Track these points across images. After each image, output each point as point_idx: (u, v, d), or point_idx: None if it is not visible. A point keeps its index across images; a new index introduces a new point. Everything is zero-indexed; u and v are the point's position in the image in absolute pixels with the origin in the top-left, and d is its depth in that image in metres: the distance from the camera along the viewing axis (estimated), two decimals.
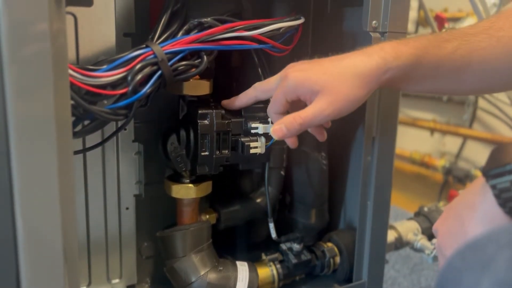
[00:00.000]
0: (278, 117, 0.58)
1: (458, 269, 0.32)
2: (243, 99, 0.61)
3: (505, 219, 0.38)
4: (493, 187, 0.38)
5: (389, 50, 0.54)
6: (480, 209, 0.40)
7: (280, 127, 0.55)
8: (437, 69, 0.55)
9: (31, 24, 0.34)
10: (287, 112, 0.57)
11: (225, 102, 0.62)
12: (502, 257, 0.29)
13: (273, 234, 0.70)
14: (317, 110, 0.53)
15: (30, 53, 0.35)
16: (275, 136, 0.55)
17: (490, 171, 0.39)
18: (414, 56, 0.54)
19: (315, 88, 0.53)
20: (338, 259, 0.72)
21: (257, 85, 0.61)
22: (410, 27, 1.86)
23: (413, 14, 1.84)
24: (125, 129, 0.59)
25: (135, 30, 0.58)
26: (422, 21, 1.85)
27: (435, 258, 0.88)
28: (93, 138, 0.56)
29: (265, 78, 0.65)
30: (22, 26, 0.34)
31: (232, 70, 0.71)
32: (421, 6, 1.48)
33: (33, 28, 0.34)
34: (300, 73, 0.54)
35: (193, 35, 0.54)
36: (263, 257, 0.70)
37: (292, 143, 0.61)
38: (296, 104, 0.57)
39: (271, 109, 0.58)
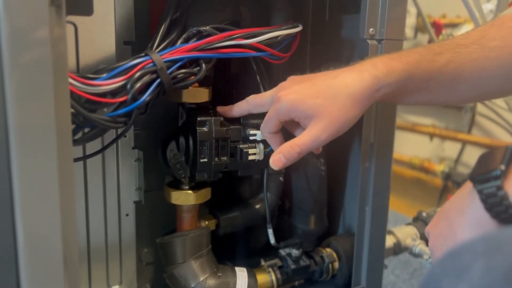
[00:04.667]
0: (271, 136, 0.58)
1: (438, 276, 0.33)
2: (236, 110, 0.62)
3: (492, 223, 0.39)
4: (480, 192, 0.39)
5: (381, 67, 0.53)
6: (468, 213, 0.41)
7: (279, 157, 0.55)
8: (429, 83, 0.55)
9: (32, 31, 0.35)
10: (280, 130, 0.58)
11: (220, 110, 0.63)
12: (477, 265, 0.30)
13: (272, 240, 0.71)
14: (313, 136, 0.53)
15: (31, 60, 0.35)
16: (275, 167, 0.55)
17: (477, 177, 0.39)
18: (406, 72, 0.54)
19: (308, 112, 0.53)
20: (337, 264, 0.72)
21: (250, 99, 0.61)
22: (409, 32, 1.87)
23: (412, 20, 1.85)
24: (125, 136, 0.60)
25: (135, 38, 0.58)
26: (421, 27, 1.86)
27: None
28: (93, 145, 0.56)
29: (263, 85, 0.66)
30: (23, 33, 0.34)
31: (231, 77, 0.71)
32: (419, 13, 1.49)
33: (33, 35, 0.35)
34: (292, 96, 0.54)
35: (192, 43, 0.55)
36: (262, 263, 0.70)
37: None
38: (290, 122, 0.57)
39: (264, 129, 0.59)
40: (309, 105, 0.53)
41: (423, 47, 0.57)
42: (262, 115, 0.61)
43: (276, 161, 0.55)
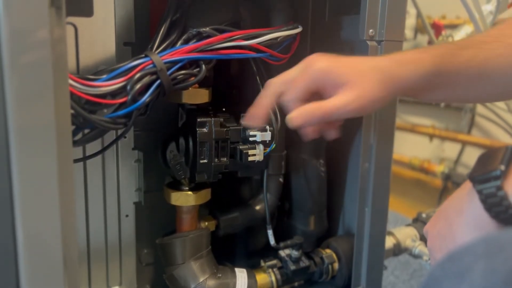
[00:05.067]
0: (294, 106, 0.54)
1: (438, 278, 0.33)
2: (264, 102, 0.56)
3: (491, 223, 0.39)
4: (480, 192, 0.39)
5: (410, 57, 0.54)
6: (468, 213, 0.41)
7: (299, 113, 0.52)
8: (455, 77, 0.55)
9: (32, 32, 0.35)
10: (303, 102, 0.54)
11: (245, 121, 0.59)
12: (478, 267, 0.30)
13: (272, 241, 0.71)
14: (342, 103, 0.51)
15: (31, 60, 0.35)
16: (291, 124, 0.52)
17: (477, 177, 0.39)
18: (433, 64, 0.53)
19: (340, 80, 0.51)
20: (336, 265, 0.72)
21: (273, 80, 0.57)
22: (409, 33, 1.87)
23: (411, 21, 1.85)
24: (125, 137, 0.60)
25: (135, 39, 0.58)
26: (421, 28, 1.86)
27: None
28: (93, 146, 0.56)
29: (263, 86, 0.66)
30: (23, 33, 0.34)
31: (231, 78, 0.71)
32: (419, 14, 1.49)
33: (33, 36, 0.35)
34: (326, 63, 0.53)
35: (192, 45, 0.55)
36: (262, 263, 0.70)
37: (308, 133, 0.58)
38: (312, 99, 0.54)
39: (289, 96, 0.54)
40: (342, 72, 0.51)
41: (448, 43, 0.57)
42: None
43: (294, 118, 0.52)
